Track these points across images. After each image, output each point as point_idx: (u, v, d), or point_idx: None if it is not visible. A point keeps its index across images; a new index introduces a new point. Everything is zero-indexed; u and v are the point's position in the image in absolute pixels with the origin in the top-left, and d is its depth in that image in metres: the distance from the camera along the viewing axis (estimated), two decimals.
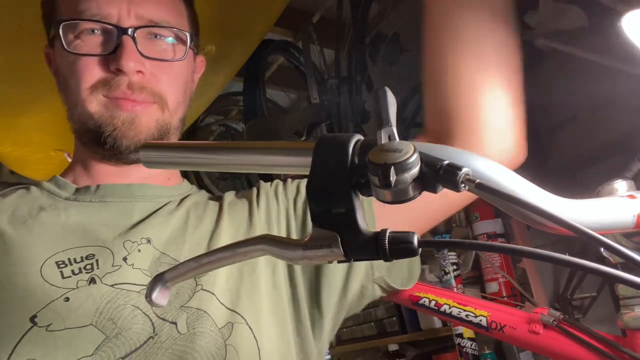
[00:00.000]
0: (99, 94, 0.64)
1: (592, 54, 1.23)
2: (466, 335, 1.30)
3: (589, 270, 0.29)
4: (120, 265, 0.58)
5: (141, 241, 0.62)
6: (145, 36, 0.66)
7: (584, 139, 1.36)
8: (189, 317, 0.58)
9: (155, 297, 0.38)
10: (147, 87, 0.65)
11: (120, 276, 0.58)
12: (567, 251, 1.43)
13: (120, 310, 0.55)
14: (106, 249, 0.59)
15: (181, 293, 0.59)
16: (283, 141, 0.66)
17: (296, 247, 0.34)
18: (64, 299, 0.55)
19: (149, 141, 0.63)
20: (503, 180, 0.36)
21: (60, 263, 0.57)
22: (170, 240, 0.64)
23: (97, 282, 0.56)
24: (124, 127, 0.64)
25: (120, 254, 0.59)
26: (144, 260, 0.60)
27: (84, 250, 0.59)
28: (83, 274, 0.57)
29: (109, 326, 0.54)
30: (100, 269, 0.58)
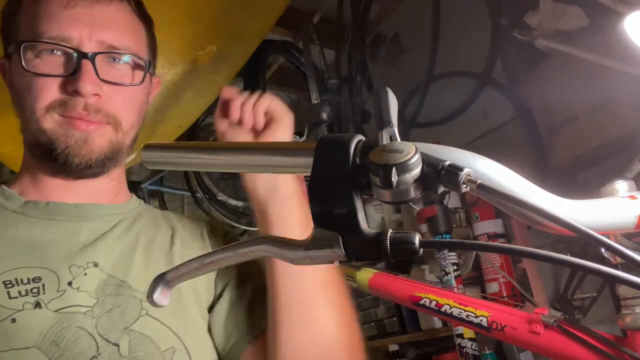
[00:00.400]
0: (54, 113, 0.65)
1: (592, 54, 1.23)
2: (466, 336, 1.30)
3: (590, 270, 0.29)
4: (65, 290, 0.60)
5: (87, 265, 0.63)
6: (104, 59, 0.67)
7: (584, 139, 1.36)
8: (131, 340, 0.61)
9: (156, 298, 0.38)
10: (102, 109, 0.66)
11: (65, 301, 0.59)
12: (567, 251, 1.44)
13: (64, 332, 0.58)
14: (52, 273, 0.61)
15: (126, 315, 0.62)
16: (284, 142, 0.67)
17: (298, 247, 0.34)
18: (11, 320, 0.56)
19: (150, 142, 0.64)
20: (504, 181, 0.36)
21: (7, 283, 0.59)
22: (119, 263, 0.66)
23: (42, 307, 0.58)
24: (77, 145, 0.65)
25: (65, 279, 0.61)
26: (90, 284, 0.62)
27: (31, 272, 0.60)
28: (29, 297, 0.58)
29: (52, 349, 0.57)
30: (46, 294, 0.59)
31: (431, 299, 0.87)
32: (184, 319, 0.67)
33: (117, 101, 0.67)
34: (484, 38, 1.64)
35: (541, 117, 1.51)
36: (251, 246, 0.36)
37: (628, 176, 0.91)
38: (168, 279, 0.37)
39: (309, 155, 0.35)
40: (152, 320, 0.63)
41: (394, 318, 1.74)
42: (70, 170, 0.66)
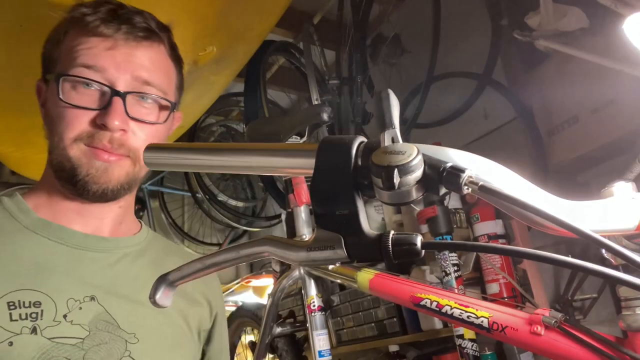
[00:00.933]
0: (81, 143, 0.70)
1: (592, 55, 1.24)
2: (467, 336, 1.30)
3: (590, 271, 0.29)
4: (59, 321, 0.64)
5: (84, 299, 0.67)
6: (134, 97, 0.72)
7: (585, 140, 1.37)
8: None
9: (158, 298, 0.38)
10: (125, 144, 0.71)
11: (58, 331, 0.64)
12: (568, 253, 1.44)
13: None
14: (51, 301, 0.65)
15: (112, 353, 0.67)
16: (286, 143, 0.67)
17: (300, 248, 0.34)
18: (8, 343, 0.60)
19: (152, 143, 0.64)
20: (505, 182, 0.36)
21: (10, 304, 0.62)
22: (113, 300, 0.70)
23: (37, 333, 0.62)
24: (97, 174, 0.70)
25: (62, 311, 0.65)
26: (84, 317, 0.66)
27: (34, 295, 0.64)
28: (27, 321, 0.62)
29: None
30: (43, 320, 0.63)
31: (432, 300, 0.87)
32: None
33: (140, 137, 0.72)
34: (484, 39, 1.65)
35: (541, 117, 1.51)
36: (254, 247, 0.36)
37: (629, 177, 0.92)
38: (171, 280, 0.37)
39: (310, 157, 0.35)
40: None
41: (394, 319, 1.74)
42: (87, 196, 0.71)
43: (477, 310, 0.81)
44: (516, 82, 1.64)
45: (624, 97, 1.25)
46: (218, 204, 2.99)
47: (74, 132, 0.69)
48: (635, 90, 1.20)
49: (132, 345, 0.69)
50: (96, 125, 0.69)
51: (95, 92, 0.70)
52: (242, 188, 3.35)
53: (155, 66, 0.74)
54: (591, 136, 1.34)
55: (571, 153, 1.41)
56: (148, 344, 0.70)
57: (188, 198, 3.38)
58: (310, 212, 1.22)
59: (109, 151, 0.70)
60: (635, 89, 1.20)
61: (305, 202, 1.20)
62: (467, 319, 0.81)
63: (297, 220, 1.22)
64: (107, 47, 0.70)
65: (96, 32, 0.70)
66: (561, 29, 1.30)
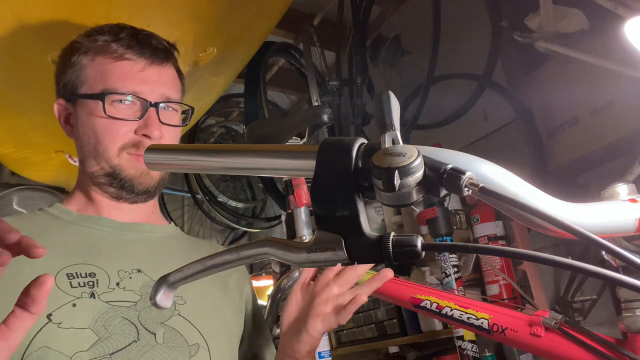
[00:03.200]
0: (125, 152, 0.81)
1: (592, 56, 1.24)
2: (467, 338, 1.30)
3: (590, 273, 0.29)
4: (113, 288, 0.74)
5: (132, 271, 0.77)
6: (161, 108, 0.84)
7: (585, 141, 1.37)
8: (165, 332, 0.74)
9: (159, 299, 0.38)
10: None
11: (113, 296, 0.73)
12: (568, 254, 1.44)
13: (112, 320, 0.71)
14: (104, 272, 0.75)
15: (162, 312, 0.76)
16: (287, 144, 0.68)
17: (300, 250, 0.34)
18: (72, 304, 0.69)
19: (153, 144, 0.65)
20: (505, 184, 0.36)
21: (69, 275, 0.72)
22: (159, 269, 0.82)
23: (96, 297, 0.72)
24: (142, 176, 0.83)
25: (114, 280, 0.75)
26: (135, 284, 0.76)
27: (88, 268, 0.74)
28: (86, 288, 0.72)
29: (102, 331, 0.70)
30: (99, 287, 0.73)
31: (432, 301, 0.87)
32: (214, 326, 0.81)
33: (168, 139, 0.85)
34: (484, 40, 1.65)
35: (541, 119, 1.52)
36: (254, 248, 0.36)
37: (629, 179, 0.92)
38: (171, 281, 0.38)
39: (311, 158, 0.35)
40: (182, 319, 0.77)
41: (394, 320, 1.74)
42: (132, 195, 0.83)
43: (477, 311, 0.81)
44: (516, 83, 1.64)
45: (624, 98, 1.25)
46: (218, 205, 2.99)
47: (119, 142, 0.81)
48: (635, 91, 1.20)
49: (181, 306, 0.78)
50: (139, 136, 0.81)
51: (131, 107, 0.82)
52: (242, 189, 3.35)
53: (172, 82, 0.88)
54: (591, 138, 1.34)
55: (571, 154, 1.41)
56: (195, 304, 0.80)
57: (188, 199, 3.38)
58: (310, 214, 1.21)
59: None
60: (635, 90, 1.20)
61: (306, 203, 1.20)
62: (467, 320, 0.82)
63: (297, 221, 1.21)
64: (138, 70, 0.82)
65: (124, 57, 0.82)
66: (561, 31, 1.30)
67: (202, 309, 0.81)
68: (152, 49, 0.84)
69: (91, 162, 0.83)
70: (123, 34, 0.83)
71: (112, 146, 0.81)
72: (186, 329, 0.77)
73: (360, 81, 1.93)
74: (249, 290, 0.95)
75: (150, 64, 0.84)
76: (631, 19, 0.81)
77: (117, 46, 0.82)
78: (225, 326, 0.85)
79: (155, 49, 0.85)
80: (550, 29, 1.31)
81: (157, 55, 0.84)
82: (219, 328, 0.83)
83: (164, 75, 0.86)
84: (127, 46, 0.82)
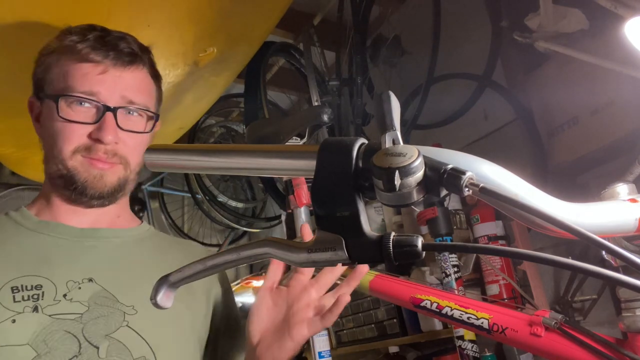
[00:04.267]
0: (78, 155, 0.79)
1: (592, 56, 1.24)
2: (467, 338, 1.30)
3: (590, 273, 0.29)
4: (59, 300, 0.71)
5: (82, 281, 0.75)
6: (123, 112, 0.82)
7: (585, 141, 1.37)
8: (110, 345, 0.71)
9: (159, 299, 0.38)
10: (118, 153, 0.81)
11: (58, 308, 0.71)
12: (568, 254, 1.44)
13: (53, 334, 0.69)
14: (51, 284, 0.72)
15: (109, 324, 0.73)
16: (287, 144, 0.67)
17: (301, 250, 0.34)
18: (11, 320, 0.68)
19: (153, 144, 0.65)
20: (506, 184, 0.36)
21: (14, 288, 0.70)
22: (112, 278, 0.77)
23: (39, 311, 0.70)
24: (95, 180, 0.80)
25: (61, 291, 0.72)
26: (83, 294, 0.73)
27: (35, 280, 0.72)
28: (30, 302, 0.70)
29: (41, 347, 0.67)
30: (44, 300, 0.71)
31: (432, 301, 0.87)
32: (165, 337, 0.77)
33: (129, 145, 0.82)
34: (484, 40, 1.65)
35: (541, 119, 1.52)
36: (254, 249, 0.36)
37: (629, 179, 0.92)
38: (172, 281, 0.38)
39: (311, 158, 0.35)
40: (130, 331, 0.74)
41: (394, 320, 1.74)
42: (85, 198, 0.80)
43: (477, 311, 0.81)
44: (516, 83, 1.64)
45: (624, 98, 1.25)
46: (218, 205, 2.99)
47: (72, 145, 0.78)
48: (635, 91, 1.20)
49: (131, 316, 0.75)
50: (92, 139, 0.79)
51: (89, 110, 0.79)
52: (242, 189, 3.35)
53: (139, 85, 0.84)
54: (591, 137, 1.34)
55: (571, 154, 1.41)
56: (146, 314, 0.76)
57: (188, 199, 3.38)
58: (310, 214, 1.22)
59: (103, 161, 0.80)
60: (635, 90, 1.20)
61: (306, 203, 1.20)
62: (467, 320, 0.82)
63: (297, 221, 1.21)
64: (99, 72, 0.80)
65: (87, 59, 0.80)
66: (561, 31, 1.30)
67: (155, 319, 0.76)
68: (117, 51, 0.82)
69: (49, 163, 0.82)
70: (91, 35, 0.81)
71: (65, 148, 0.79)
72: (133, 341, 0.73)
73: (360, 81, 1.93)
74: (219, 291, 0.90)
75: (113, 65, 0.81)
76: (631, 19, 0.81)
77: (82, 47, 0.80)
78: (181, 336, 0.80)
79: (121, 52, 0.82)
80: (550, 28, 1.31)
81: (121, 58, 0.82)
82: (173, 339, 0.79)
83: (128, 78, 0.83)
84: (92, 47, 0.80)
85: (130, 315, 0.75)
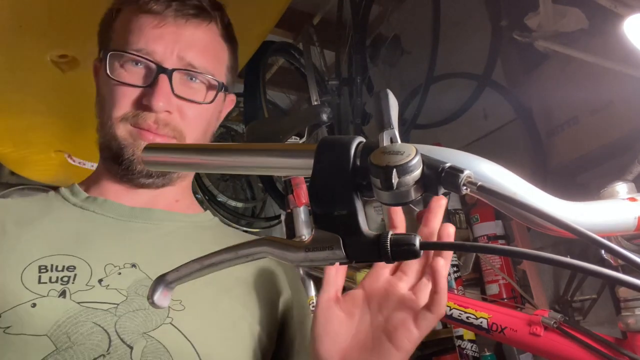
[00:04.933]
0: (127, 123, 0.69)
1: (592, 56, 1.23)
2: (466, 337, 1.30)
3: (590, 272, 0.29)
4: (93, 285, 0.60)
5: (124, 266, 0.63)
6: (181, 77, 0.70)
7: (584, 141, 1.36)
8: (146, 346, 0.57)
9: (156, 299, 0.38)
10: (171, 123, 0.70)
11: (90, 295, 0.59)
12: (567, 253, 1.43)
13: (79, 326, 0.56)
14: (87, 266, 0.61)
15: (150, 319, 0.59)
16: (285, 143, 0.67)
17: (298, 249, 0.34)
18: (31, 304, 0.56)
19: (151, 143, 0.64)
20: (505, 183, 0.36)
21: (42, 267, 0.59)
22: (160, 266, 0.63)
23: (66, 296, 0.58)
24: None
25: (97, 275, 0.61)
26: (123, 281, 0.61)
27: (68, 260, 0.61)
28: (57, 284, 0.59)
29: (62, 339, 0.55)
30: (75, 284, 0.59)
31: None
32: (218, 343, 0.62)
33: (187, 116, 0.71)
34: (484, 40, 1.64)
35: (541, 118, 1.51)
36: (252, 248, 0.36)
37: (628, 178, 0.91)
38: (169, 280, 0.37)
39: (309, 157, 0.35)
40: (173, 330, 0.59)
41: None
42: (132, 175, 0.70)
43: (476, 311, 0.81)
44: (516, 83, 1.64)
45: (624, 97, 1.25)
46: (217, 204, 2.98)
47: (120, 110, 0.69)
48: (634, 91, 1.20)
49: (176, 312, 0.61)
50: (141, 106, 0.68)
51: (142, 70, 0.69)
52: (241, 189, 3.35)
53: (203, 46, 0.72)
54: (591, 137, 1.34)
55: (571, 154, 1.41)
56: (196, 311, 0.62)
57: None
58: (309, 213, 1.21)
59: (154, 132, 0.69)
60: (634, 89, 1.20)
61: (305, 202, 1.20)
62: (467, 319, 0.82)
63: (296, 221, 1.21)
64: (155, 25, 0.69)
65: (146, 10, 0.69)
66: (561, 30, 1.30)
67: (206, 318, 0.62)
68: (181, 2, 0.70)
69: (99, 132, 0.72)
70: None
71: (113, 114, 0.69)
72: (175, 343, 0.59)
73: (359, 81, 1.93)
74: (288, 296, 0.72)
75: (173, 19, 0.69)
76: (630, 17, 0.80)
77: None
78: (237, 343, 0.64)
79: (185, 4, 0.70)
80: (549, 28, 1.31)
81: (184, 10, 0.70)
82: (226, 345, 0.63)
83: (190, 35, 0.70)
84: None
85: (176, 312, 0.61)
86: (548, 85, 1.48)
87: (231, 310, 0.66)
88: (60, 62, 1.24)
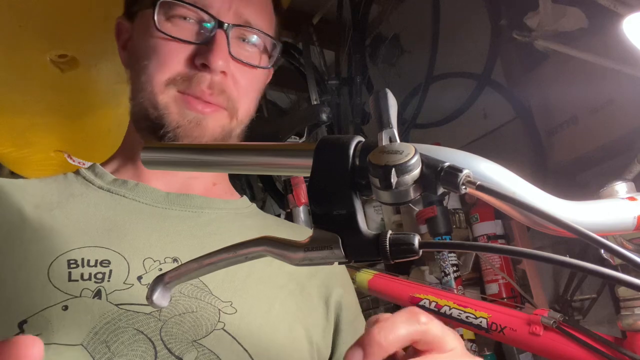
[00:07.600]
0: (174, 88, 0.60)
1: (591, 55, 1.23)
2: (466, 337, 1.30)
3: (589, 271, 0.29)
4: (132, 284, 0.51)
5: (165, 260, 0.55)
6: (237, 36, 0.63)
7: (584, 140, 1.36)
8: (198, 357, 0.49)
9: (156, 299, 0.38)
10: (226, 90, 0.62)
11: (129, 296, 0.50)
12: (567, 253, 1.43)
13: (119, 334, 0.48)
14: (124, 261, 0.53)
15: (199, 324, 0.51)
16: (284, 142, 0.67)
17: (297, 248, 0.34)
18: (63, 307, 0.48)
19: (150, 142, 0.63)
20: (504, 182, 0.36)
21: (71, 262, 0.51)
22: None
23: (102, 297, 0.49)
24: (190, 126, 0.60)
25: (135, 272, 0.52)
26: None
27: (101, 253, 0.53)
28: (91, 282, 0.50)
29: (101, 350, 0.47)
30: (111, 282, 0.51)
31: (431, 300, 0.87)
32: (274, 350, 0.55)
33: (240, 84, 0.63)
34: (483, 39, 1.64)
35: (541, 118, 1.51)
36: (251, 247, 0.36)
37: (628, 177, 0.92)
38: (167, 280, 0.37)
39: (308, 157, 0.35)
40: (227, 337, 0.52)
41: None
42: None
43: (475, 310, 0.81)
44: (515, 82, 1.64)
45: (623, 97, 1.25)
46: None
47: (167, 73, 0.59)
48: (634, 90, 1.20)
49: (228, 316, 0.53)
50: (194, 67, 0.59)
51: (195, 26, 0.60)
52: (241, 188, 3.35)
53: (260, 5, 0.65)
54: (590, 136, 1.34)
55: (570, 153, 1.41)
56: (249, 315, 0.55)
57: None
58: (309, 213, 1.21)
59: (205, 99, 0.60)
60: (634, 89, 1.20)
61: (304, 202, 1.20)
62: (466, 319, 0.82)
63: (296, 220, 1.21)
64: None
65: None
66: (560, 29, 1.30)
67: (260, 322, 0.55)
68: None
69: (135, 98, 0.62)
70: None
71: (157, 77, 0.59)
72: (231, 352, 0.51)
73: (359, 80, 1.93)
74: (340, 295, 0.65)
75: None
76: (629, 16, 0.80)
77: None
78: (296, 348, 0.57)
79: None
80: (549, 27, 1.31)
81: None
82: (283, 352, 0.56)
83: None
84: None
85: (228, 315, 0.53)
86: (548, 85, 1.48)
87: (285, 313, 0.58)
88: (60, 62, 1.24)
